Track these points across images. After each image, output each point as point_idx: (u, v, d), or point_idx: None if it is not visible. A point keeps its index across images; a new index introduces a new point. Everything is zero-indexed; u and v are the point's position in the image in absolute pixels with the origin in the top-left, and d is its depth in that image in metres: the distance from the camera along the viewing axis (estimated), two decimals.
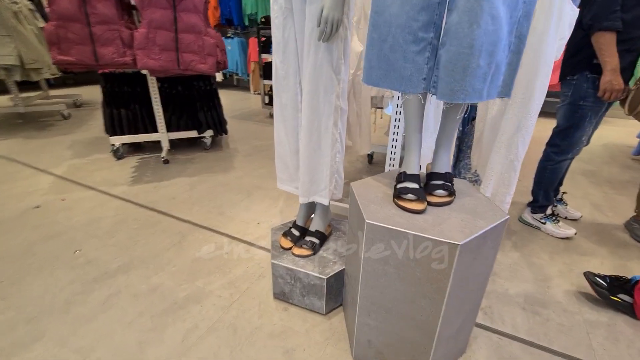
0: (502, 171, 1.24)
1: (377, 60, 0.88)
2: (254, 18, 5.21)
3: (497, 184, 1.27)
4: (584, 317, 1.25)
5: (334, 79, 1.05)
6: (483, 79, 0.76)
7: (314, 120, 1.10)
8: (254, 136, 3.39)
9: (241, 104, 5.00)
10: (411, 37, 0.80)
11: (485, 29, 0.70)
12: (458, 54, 0.74)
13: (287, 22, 1.06)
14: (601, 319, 1.24)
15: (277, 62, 1.13)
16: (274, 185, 2.27)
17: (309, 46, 1.01)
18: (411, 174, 0.91)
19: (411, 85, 0.84)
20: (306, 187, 1.21)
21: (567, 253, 1.61)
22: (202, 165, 2.60)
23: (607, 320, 1.23)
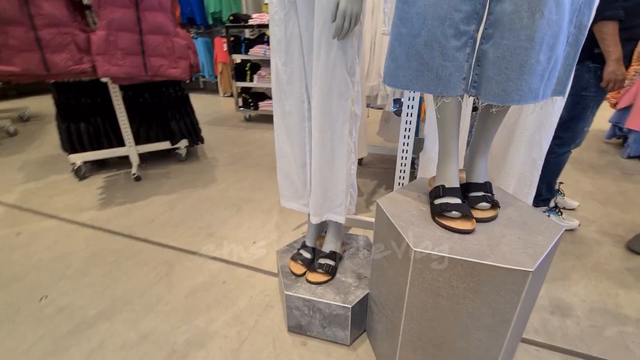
0: (523, 171, 1.17)
1: (407, 58, 0.75)
2: (219, 17, 4.93)
3: (518, 184, 1.20)
4: (612, 315, 1.21)
5: (349, 82, 0.91)
6: (541, 77, 0.66)
7: (327, 130, 0.96)
8: (232, 143, 3.18)
9: (211, 108, 4.72)
10: (452, 30, 0.68)
11: (548, 18, 0.60)
12: (514, 48, 0.63)
13: (290, 17, 0.91)
14: (630, 314, 1.21)
15: (279, 64, 0.97)
16: (263, 196, 2.10)
17: (320, 45, 0.86)
18: (451, 187, 0.80)
19: (450, 86, 0.73)
20: (319, 204, 1.07)
21: (575, 245, 1.59)
22: (179, 179, 2.37)
23: (636, 316, 1.20)
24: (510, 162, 1.20)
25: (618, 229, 1.74)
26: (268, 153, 2.89)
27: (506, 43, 0.64)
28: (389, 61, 0.81)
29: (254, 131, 3.56)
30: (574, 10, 0.63)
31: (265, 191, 2.18)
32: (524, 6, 0.60)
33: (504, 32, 0.64)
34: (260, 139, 3.30)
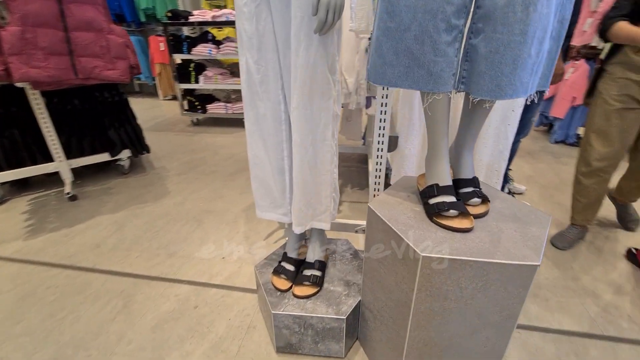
0: (491, 162, 1.22)
1: (395, 54, 0.71)
2: (152, 13, 4.53)
3: (487, 174, 1.25)
4: (577, 287, 1.32)
5: (330, 81, 0.85)
6: (531, 71, 0.66)
7: (309, 133, 0.89)
8: (181, 150, 2.93)
9: (152, 112, 4.33)
10: (444, 24, 0.66)
11: (540, 12, 0.60)
12: (508, 42, 0.62)
13: (262, 11, 0.82)
14: (587, 286, 1.33)
15: (250, 62, 0.88)
16: (225, 206, 1.96)
17: (299, 41, 0.79)
18: (445, 185, 0.79)
19: (442, 82, 0.71)
20: (302, 213, 0.99)
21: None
22: (125, 195, 2.11)
23: (591, 287, 1.32)
24: (479, 154, 1.24)
25: (561, 208, 1.93)
26: (224, 158, 2.72)
27: (499, 37, 0.63)
28: (375, 57, 0.76)
29: (205, 136, 3.33)
30: (558, 4, 0.65)
31: (226, 200, 2.03)
32: (518, 0, 0.59)
33: (497, 26, 0.63)
34: (213, 143, 3.10)
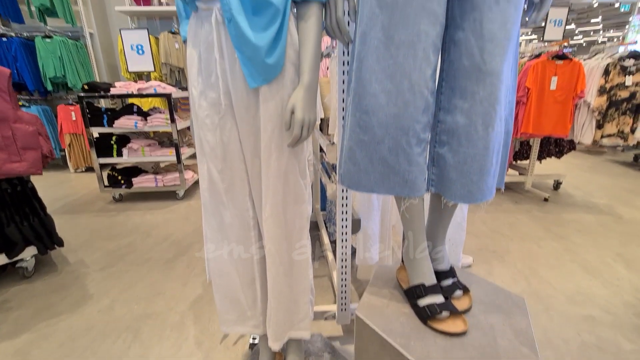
0: (451, 234, 1.30)
1: (371, 163, 0.73)
2: (61, 82, 4.14)
3: (449, 248, 1.31)
4: None
5: (302, 185, 0.83)
6: (493, 176, 0.73)
7: (283, 240, 0.83)
8: (103, 235, 2.53)
9: (61, 189, 3.75)
10: (415, 139, 0.70)
11: (497, 130, 0.69)
12: (474, 155, 0.69)
13: (226, 122, 0.78)
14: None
15: (214, 172, 0.81)
16: (167, 305, 1.69)
17: (269, 152, 0.76)
18: (431, 285, 0.79)
19: (416, 188, 0.74)
20: (279, 326, 0.89)
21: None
22: (29, 307, 1.69)
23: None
24: None
25: (496, 255, 2.12)
26: (159, 241, 2.42)
27: (465, 150, 0.69)
28: (349, 165, 0.77)
29: (131, 214, 2.96)
30: (505, 121, 0.75)
31: (168, 296, 1.76)
32: (478, 120, 0.67)
33: (462, 141, 0.69)
34: (143, 223, 2.76)
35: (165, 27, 4.47)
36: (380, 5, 0.65)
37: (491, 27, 0.64)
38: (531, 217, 2.71)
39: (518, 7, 0.65)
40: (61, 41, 3.92)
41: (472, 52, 0.66)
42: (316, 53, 0.74)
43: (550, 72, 2.48)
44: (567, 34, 12.58)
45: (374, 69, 0.68)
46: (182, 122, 3.24)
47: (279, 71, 0.73)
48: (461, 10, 0.67)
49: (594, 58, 2.78)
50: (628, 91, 2.50)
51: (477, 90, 0.66)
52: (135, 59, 3.14)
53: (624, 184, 3.52)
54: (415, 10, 0.63)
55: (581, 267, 1.97)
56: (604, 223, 2.56)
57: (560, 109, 2.53)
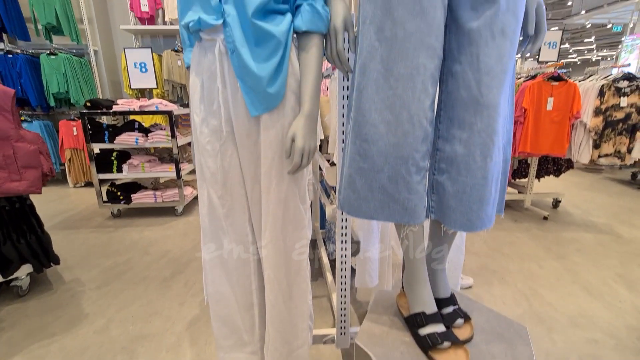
0: (451, 257, 1.29)
1: (370, 191, 0.74)
2: (64, 98, 4.19)
3: (449, 270, 1.31)
4: None
5: (302, 210, 0.83)
6: (493, 205, 0.74)
7: (282, 266, 0.82)
8: (100, 252, 2.51)
9: (60, 205, 3.73)
10: (414, 168, 0.71)
11: (495, 160, 0.69)
12: (473, 185, 0.70)
13: (227, 148, 0.79)
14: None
15: (214, 197, 0.82)
16: (164, 325, 1.66)
17: (270, 179, 0.77)
18: (432, 313, 0.78)
19: (416, 215, 0.74)
20: (277, 353, 0.88)
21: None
22: (22, 327, 1.65)
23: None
24: None
25: (496, 275, 2.11)
26: (156, 258, 2.40)
27: (464, 180, 0.70)
28: (348, 192, 0.77)
29: (129, 231, 2.94)
30: (503, 150, 0.76)
31: (164, 316, 1.74)
32: (476, 151, 0.68)
33: (461, 170, 0.70)
34: (141, 240, 2.74)
35: (168, 45, 4.57)
36: (379, 39, 0.67)
37: (488, 61, 0.66)
38: (531, 235, 2.70)
39: (514, 42, 0.67)
40: (66, 58, 3.99)
41: (469, 84, 0.67)
42: (317, 83, 0.76)
43: (546, 93, 2.52)
44: (561, 52, 12.79)
45: (374, 100, 0.70)
46: (182, 139, 3.26)
47: (280, 100, 0.74)
48: (458, 44, 0.69)
49: (589, 79, 2.84)
50: (623, 112, 2.54)
51: (475, 121, 0.68)
52: (138, 76, 3.19)
53: (623, 202, 3.53)
54: (413, 45, 0.65)
55: (582, 288, 1.95)
56: (604, 242, 2.55)
57: (557, 128, 2.57)
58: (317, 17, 0.73)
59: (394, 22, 0.65)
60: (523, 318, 1.68)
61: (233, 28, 0.71)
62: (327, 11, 0.75)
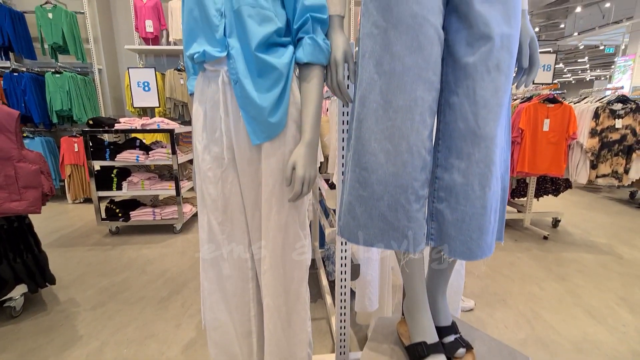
0: (451, 281, 1.28)
1: (369, 218, 0.74)
2: (67, 115, 4.24)
3: (449, 295, 1.29)
4: None
5: (302, 236, 0.84)
6: (492, 233, 0.74)
7: (282, 293, 0.82)
8: (96, 271, 2.48)
9: (58, 221, 3.72)
10: (414, 196, 0.72)
11: (494, 190, 0.70)
12: (472, 214, 0.70)
13: (228, 175, 0.80)
14: None
15: (214, 223, 0.82)
16: (159, 348, 1.63)
17: (270, 206, 0.77)
18: (433, 343, 0.77)
19: (416, 243, 0.74)
20: None
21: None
22: (14, 350, 1.62)
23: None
24: None
25: (497, 298, 2.08)
26: (154, 278, 2.37)
27: (463, 209, 0.71)
28: (348, 218, 0.78)
29: (127, 249, 2.92)
30: (501, 177, 0.77)
31: (160, 339, 1.70)
32: (475, 181, 0.69)
33: (459, 199, 0.71)
34: (138, 258, 2.71)
35: (171, 65, 4.66)
36: (378, 72, 0.70)
37: (484, 94, 0.67)
38: (531, 256, 2.68)
39: (509, 76, 0.70)
40: (70, 76, 4.06)
41: (466, 116, 0.69)
42: (317, 112, 0.78)
43: (542, 115, 2.56)
44: (556, 72, 13.03)
45: (373, 130, 0.71)
46: (183, 156, 3.28)
47: (281, 129, 0.76)
48: (455, 77, 0.71)
49: (584, 101, 2.89)
50: (619, 133, 2.57)
51: (472, 152, 0.69)
52: (141, 95, 3.25)
53: (622, 222, 3.52)
54: (411, 79, 0.67)
55: (585, 311, 1.92)
56: (605, 263, 2.53)
57: (554, 149, 2.59)
58: (318, 50, 0.76)
59: (392, 56, 0.67)
60: (526, 343, 1.65)
61: (237, 60, 0.73)
62: (327, 44, 0.77)
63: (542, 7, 10.93)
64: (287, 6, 0.77)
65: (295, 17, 0.76)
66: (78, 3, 4.27)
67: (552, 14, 11.93)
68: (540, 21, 12.64)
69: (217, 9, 0.73)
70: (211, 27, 0.74)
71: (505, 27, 0.67)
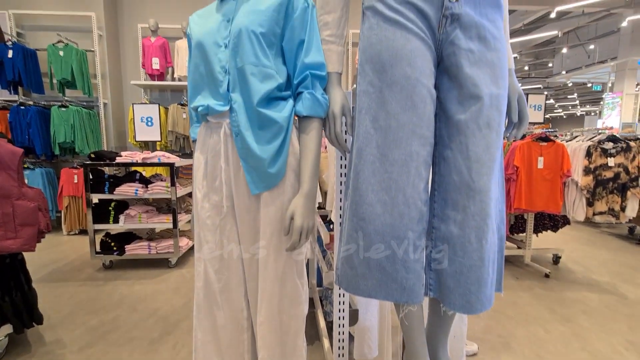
0: (453, 327, 1.25)
1: (368, 269, 0.74)
2: (69, 147, 4.30)
3: (451, 343, 1.25)
4: None
5: (299, 286, 0.83)
6: (491, 286, 0.74)
7: (278, 345, 0.80)
8: (86, 308, 2.40)
9: (52, 254, 3.64)
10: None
11: (491, 242, 0.71)
12: (470, 266, 0.70)
13: (227, 222, 0.80)
14: None
15: (210, 271, 0.81)
16: None
17: (267, 255, 0.77)
18: None
19: (414, 294, 0.74)
20: None
21: None
22: None
23: None
24: None
25: (501, 340, 2.01)
26: (145, 316, 2.29)
27: (461, 261, 0.71)
28: (346, 268, 0.77)
29: (119, 284, 2.84)
30: (497, 228, 0.78)
31: None
32: (471, 233, 0.69)
33: (457, 251, 0.71)
34: (130, 295, 2.64)
35: (175, 99, 4.81)
36: (374, 127, 0.73)
37: (476, 150, 0.70)
38: (534, 295, 2.62)
39: (499, 133, 0.73)
40: (76, 110, 4.17)
41: (460, 169, 0.71)
42: (316, 163, 0.80)
43: (536, 153, 2.62)
44: (547, 107, 13.52)
45: (370, 181, 0.73)
46: (182, 189, 3.30)
47: (280, 179, 0.78)
48: (448, 132, 0.74)
49: (575, 140, 2.97)
50: (612, 171, 2.62)
51: (468, 205, 0.71)
52: (144, 129, 3.32)
53: (623, 259, 3.49)
54: (406, 134, 0.70)
55: (592, 356, 1.85)
56: (610, 304, 2.48)
57: (549, 186, 2.62)
58: (316, 104, 0.79)
59: (387, 114, 0.71)
60: None
61: (239, 114, 0.76)
62: (326, 99, 0.81)
63: (530, 48, 11.54)
64: (288, 63, 0.82)
65: (296, 73, 0.80)
66: (89, 42, 4.48)
67: (540, 54, 12.57)
68: (529, 60, 13.28)
69: (221, 66, 0.78)
70: (216, 82, 0.78)
71: (494, 87, 0.71)
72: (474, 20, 0.70)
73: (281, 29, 0.79)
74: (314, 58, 0.78)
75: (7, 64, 3.95)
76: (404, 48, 0.69)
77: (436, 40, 0.72)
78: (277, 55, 0.80)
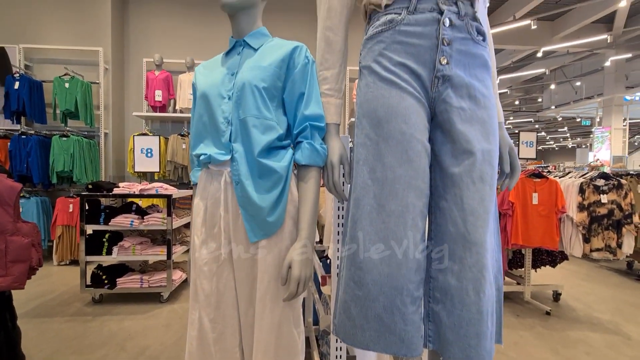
0: None
1: (365, 319, 0.73)
2: (67, 176, 4.30)
3: None
4: None
5: (295, 334, 0.81)
6: (491, 339, 0.73)
7: None
8: (72, 346, 2.30)
9: (40, 285, 3.53)
10: (409, 298, 0.72)
11: (489, 294, 0.71)
12: (469, 319, 0.70)
13: (223, 270, 0.80)
14: None
15: (205, 321, 0.80)
16: None
17: (264, 303, 0.77)
18: None
19: (413, 347, 0.73)
20: None
21: None
22: None
23: None
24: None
25: None
26: (133, 356, 2.19)
27: (459, 313, 0.70)
28: (344, 319, 0.76)
29: (108, 320, 2.74)
30: (494, 278, 0.78)
31: None
32: (469, 285, 0.70)
33: (455, 303, 0.71)
34: (119, 332, 2.53)
35: (176, 130, 4.89)
36: (372, 178, 0.75)
37: (471, 202, 0.72)
38: (536, 334, 2.56)
39: (492, 186, 0.75)
40: (76, 140, 4.21)
41: (456, 220, 0.73)
42: (314, 211, 0.82)
43: (530, 189, 2.66)
44: (539, 139, 13.80)
45: (368, 231, 0.74)
46: (178, 220, 3.27)
47: (278, 227, 0.79)
48: (443, 184, 0.76)
49: (568, 176, 3.03)
50: (605, 208, 2.65)
51: (464, 256, 0.71)
52: (143, 160, 3.35)
53: (624, 295, 3.44)
54: (402, 186, 0.72)
55: None
56: (613, 345, 2.41)
57: (545, 222, 2.64)
58: (315, 154, 0.82)
59: (384, 166, 0.73)
60: None
61: (239, 163, 0.79)
62: (324, 148, 0.84)
63: (520, 83, 12.02)
64: (288, 113, 0.86)
65: (296, 124, 0.84)
66: (94, 74, 4.62)
67: (530, 89, 13.08)
68: (519, 95, 13.79)
69: (224, 117, 0.81)
70: (218, 132, 0.81)
71: (485, 143, 0.74)
72: (464, 80, 0.75)
73: (283, 82, 0.84)
74: (314, 110, 0.82)
75: (13, 95, 4.04)
76: (399, 105, 0.73)
77: (429, 98, 0.76)
78: (278, 106, 0.84)
